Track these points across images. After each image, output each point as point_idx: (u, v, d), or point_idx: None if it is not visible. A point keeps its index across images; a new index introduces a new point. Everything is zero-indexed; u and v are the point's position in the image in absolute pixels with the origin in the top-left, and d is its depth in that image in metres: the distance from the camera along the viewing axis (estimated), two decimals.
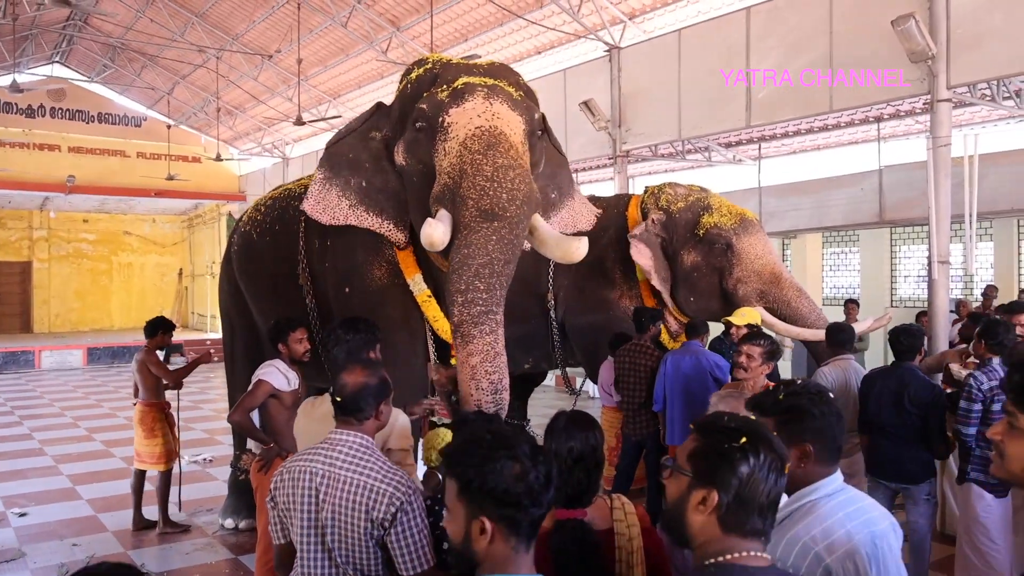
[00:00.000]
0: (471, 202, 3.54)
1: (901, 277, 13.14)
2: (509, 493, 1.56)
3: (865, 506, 1.96)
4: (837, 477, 1.98)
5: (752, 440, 1.55)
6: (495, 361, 3.42)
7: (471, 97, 3.79)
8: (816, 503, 1.92)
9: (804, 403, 2.00)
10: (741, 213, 6.20)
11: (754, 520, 1.54)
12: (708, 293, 6.12)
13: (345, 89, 16.81)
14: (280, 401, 4.29)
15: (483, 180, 3.56)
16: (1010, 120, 10.16)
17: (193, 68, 18.34)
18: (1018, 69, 6.92)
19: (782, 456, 1.58)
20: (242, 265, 5.75)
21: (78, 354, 18.80)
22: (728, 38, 9.08)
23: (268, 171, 21.06)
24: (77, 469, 8.15)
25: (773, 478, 1.54)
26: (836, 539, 1.84)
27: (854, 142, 12.25)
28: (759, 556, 1.55)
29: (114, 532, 6.07)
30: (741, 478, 1.52)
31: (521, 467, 1.58)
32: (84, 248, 23.42)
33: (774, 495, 1.56)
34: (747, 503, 1.53)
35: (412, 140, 4.02)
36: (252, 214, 5.80)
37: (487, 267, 3.47)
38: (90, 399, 13.43)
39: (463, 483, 1.59)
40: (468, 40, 13.01)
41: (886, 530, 1.91)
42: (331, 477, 2.41)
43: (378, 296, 4.44)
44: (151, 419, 6.08)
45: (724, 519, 1.54)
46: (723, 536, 1.55)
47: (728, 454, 1.54)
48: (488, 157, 3.60)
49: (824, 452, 1.98)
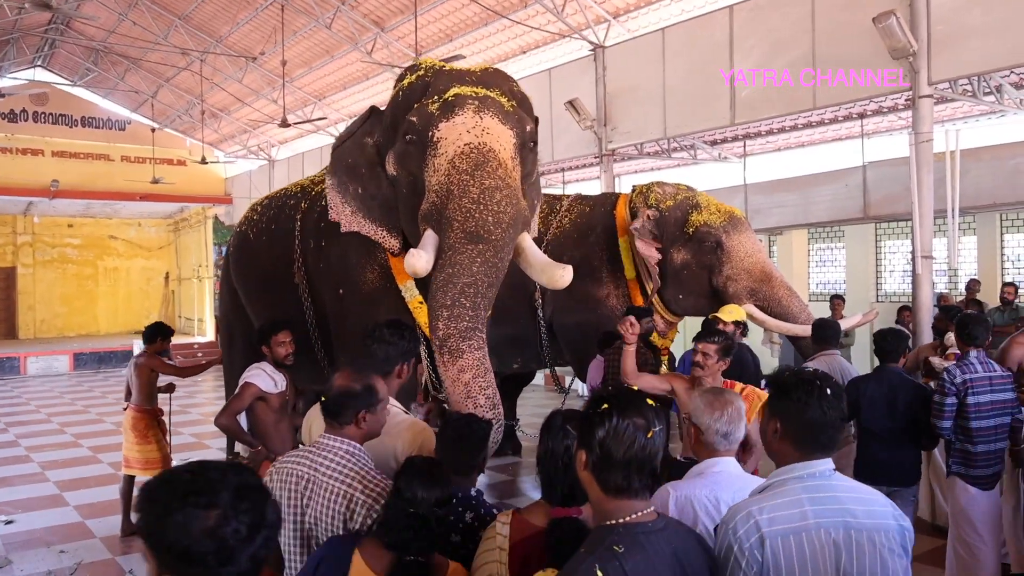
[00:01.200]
0: (456, 224, 3.54)
1: (886, 272, 13.23)
2: (191, 552, 1.29)
3: (846, 497, 1.97)
4: (817, 465, 2.00)
5: (612, 407, 1.77)
6: (487, 376, 3.43)
7: (461, 111, 3.76)
8: (785, 482, 2.00)
9: (788, 383, 2.06)
10: (730, 211, 6.23)
11: (618, 476, 1.74)
12: (697, 291, 6.15)
13: (330, 91, 16.76)
14: (267, 403, 4.28)
15: (469, 202, 3.54)
16: (991, 116, 10.25)
17: (177, 71, 18.23)
18: (997, 65, 6.99)
19: (648, 420, 1.75)
20: (239, 267, 5.75)
21: (64, 360, 18.67)
22: (712, 37, 9.12)
23: (254, 173, 20.97)
24: (64, 475, 8.09)
25: (631, 439, 1.73)
26: (786, 514, 1.92)
27: (838, 139, 12.32)
28: (643, 514, 1.76)
29: (102, 538, 6.04)
30: (600, 439, 1.75)
31: (216, 518, 1.30)
32: (69, 253, 23.25)
33: (636, 453, 1.74)
34: (607, 460, 1.74)
35: (402, 152, 4.00)
36: (248, 215, 5.82)
37: (472, 286, 3.47)
38: (76, 405, 13.34)
39: (144, 534, 1.34)
40: (453, 40, 13.01)
41: (876, 526, 1.94)
42: (315, 482, 2.42)
43: (370, 299, 4.45)
44: (144, 425, 6.06)
45: (600, 479, 1.76)
46: (605, 497, 1.77)
47: (590, 418, 1.79)
48: (475, 178, 3.59)
49: (796, 436, 2.02)
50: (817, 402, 2.00)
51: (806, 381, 2.04)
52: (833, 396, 2.02)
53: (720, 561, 1.93)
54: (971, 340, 4.45)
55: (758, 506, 1.95)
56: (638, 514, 1.75)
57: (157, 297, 24.53)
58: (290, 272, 5.01)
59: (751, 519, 1.92)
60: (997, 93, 8.39)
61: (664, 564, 1.72)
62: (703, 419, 2.53)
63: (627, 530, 1.73)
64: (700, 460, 2.57)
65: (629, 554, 1.67)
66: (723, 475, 2.48)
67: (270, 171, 20.29)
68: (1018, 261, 11.70)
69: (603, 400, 1.81)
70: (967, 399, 4.22)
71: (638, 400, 1.80)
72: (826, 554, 1.89)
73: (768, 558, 1.88)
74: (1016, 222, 11.61)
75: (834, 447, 2.04)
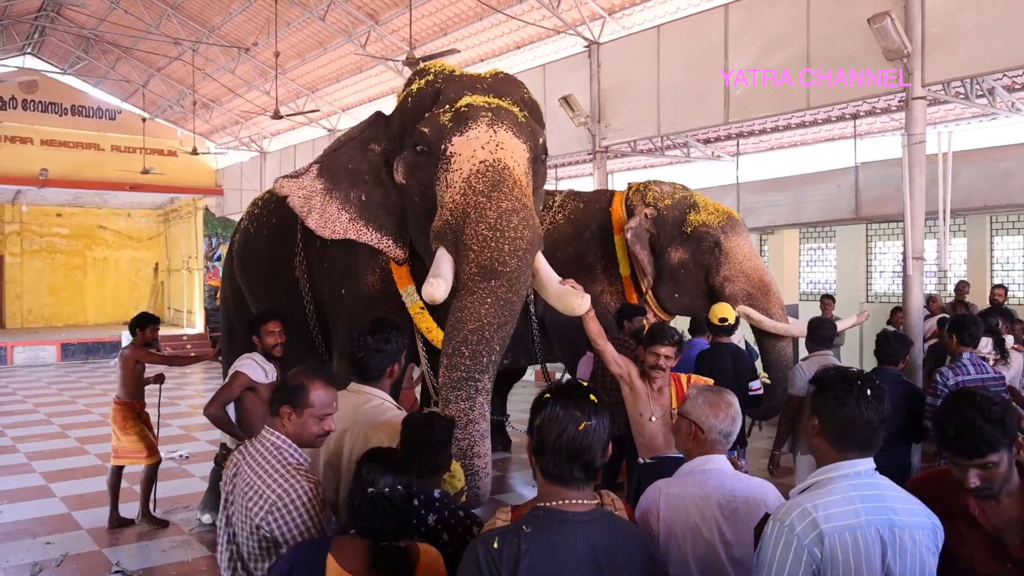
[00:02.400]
0: (472, 255, 3.49)
1: (876, 273, 13.30)
2: None
3: (890, 496, 2.00)
4: (860, 464, 2.02)
5: (553, 396, 1.88)
6: (466, 428, 3.38)
7: (475, 124, 3.70)
8: (832, 480, 2.00)
9: (829, 381, 2.08)
10: (728, 212, 6.24)
11: (550, 462, 1.83)
12: (694, 290, 6.15)
13: (323, 83, 16.68)
14: (257, 394, 4.27)
15: (486, 228, 3.49)
16: (982, 118, 10.30)
17: (169, 61, 18.10)
18: (991, 67, 7.02)
19: (584, 413, 1.83)
20: (241, 262, 5.70)
21: (51, 350, 18.54)
22: (706, 35, 9.12)
23: (245, 165, 20.87)
24: (51, 466, 8.04)
25: (562, 428, 1.81)
26: (840, 511, 1.92)
27: (831, 139, 12.37)
28: (575, 503, 1.83)
29: (88, 530, 6.00)
30: (537, 424, 1.87)
31: None
32: (57, 243, 23.09)
33: (567, 443, 1.81)
34: (542, 445, 1.85)
35: (413, 163, 3.93)
36: (251, 210, 5.79)
37: (476, 333, 3.43)
38: (64, 395, 13.24)
39: None
40: (447, 35, 12.96)
41: (916, 524, 1.98)
42: (241, 474, 2.45)
43: (371, 301, 4.40)
44: (122, 417, 6.03)
45: (539, 463, 1.87)
46: (543, 481, 1.87)
47: (535, 406, 1.92)
48: (492, 200, 3.53)
49: (832, 433, 2.03)
50: (855, 401, 2.00)
51: (847, 380, 2.05)
52: (873, 397, 2.02)
53: (765, 557, 1.94)
54: (970, 341, 4.48)
55: (812, 503, 1.94)
56: (568, 502, 1.82)
57: (146, 288, 24.40)
58: (291, 268, 4.96)
59: (807, 516, 1.91)
60: (989, 96, 8.43)
61: (569, 553, 1.76)
62: (707, 420, 2.52)
63: (547, 514, 1.81)
64: (691, 458, 2.56)
65: (532, 536, 1.76)
66: (714, 473, 2.48)
67: (262, 163, 20.20)
68: (1007, 263, 11.78)
69: (549, 390, 1.92)
70: None
71: (580, 393, 1.87)
72: (875, 551, 1.92)
73: (826, 555, 1.89)
74: (1006, 224, 11.68)
75: (872, 447, 2.04)
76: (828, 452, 2.05)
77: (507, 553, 1.75)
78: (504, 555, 1.74)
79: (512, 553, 1.74)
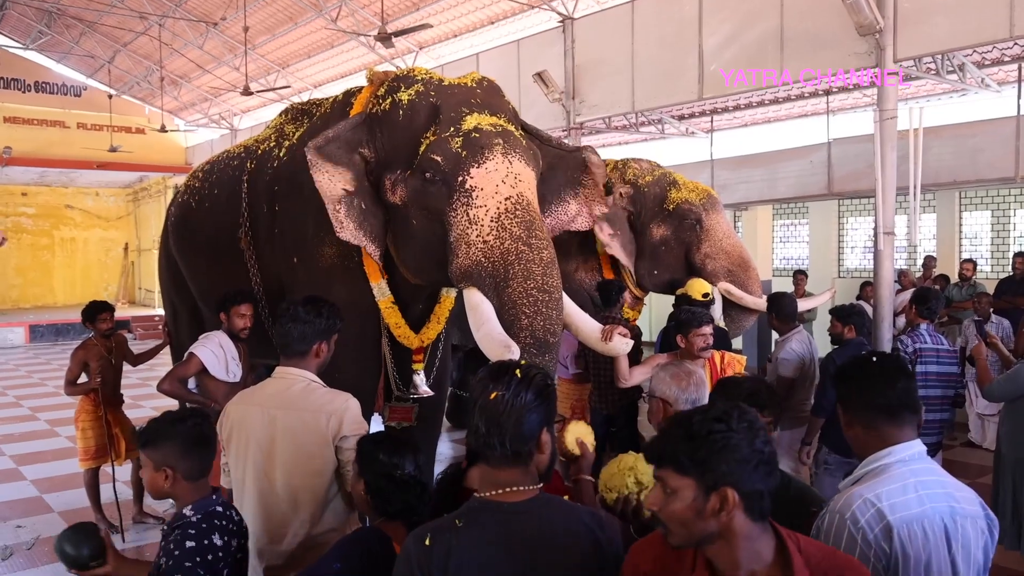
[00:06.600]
0: (525, 320, 3.40)
1: (848, 248, 13.45)
2: None
3: (948, 482, 1.92)
4: (914, 446, 1.93)
5: (483, 372, 1.80)
6: None
7: (491, 155, 3.60)
8: (890, 466, 1.89)
9: (846, 370, 2.05)
10: (707, 190, 6.30)
11: (470, 437, 1.76)
12: (674, 267, 6.17)
13: (294, 59, 16.43)
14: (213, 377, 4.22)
15: (535, 289, 3.42)
16: (952, 94, 10.40)
17: (135, 36, 17.70)
18: (961, 43, 7.08)
19: (498, 383, 1.73)
20: (180, 239, 5.41)
21: (20, 332, 18.24)
22: (681, 10, 9.08)
23: (216, 142, 20.53)
24: (20, 449, 7.94)
25: (476, 398, 1.74)
26: (904, 500, 1.82)
27: (804, 115, 12.42)
28: (513, 491, 1.72)
29: (60, 512, 5.94)
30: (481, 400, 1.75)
31: None
32: (24, 223, 22.63)
33: (481, 414, 1.72)
34: (469, 423, 1.78)
35: (421, 190, 3.73)
36: (190, 182, 5.48)
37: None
38: (33, 378, 13.07)
39: None
40: (420, 9, 12.78)
41: (975, 514, 1.88)
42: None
43: (327, 273, 4.23)
44: (77, 415, 5.58)
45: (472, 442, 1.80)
46: (488, 469, 1.76)
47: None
48: (534, 250, 3.48)
49: (863, 419, 1.96)
50: (879, 382, 1.95)
51: (861, 364, 2.02)
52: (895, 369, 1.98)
53: None
54: (929, 315, 4.78)
55: (873, 493, 1.82)
56: (505, 491, 1.73)
57: (116, 268, 24.04)
58: (235, 239, 4.71)
59: (871, 507, 1.80)
60: (960, 72, 8.50)
61: (500, 547, 1.67)
62: (671, 391, 2.55)
63: (481, 506, 1.73)
64: None
65: (464, 530, 1.69)
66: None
67: (232, 140, 19.86)
68: (975, 239, 11.96)
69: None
70: (916, 368, 4.40)
71: (503, 368, 1.78)
72: (942, 543, 1.82)
73: (896, 548, 1.78)
74: (975, 200, 11.84)
75: (908, 422, 1.94)
76: (863, 439, 1.96)
77: (437, 551, 1.67)
78: (434, 553, 1.67)
79: (442, 551, 1.66)
